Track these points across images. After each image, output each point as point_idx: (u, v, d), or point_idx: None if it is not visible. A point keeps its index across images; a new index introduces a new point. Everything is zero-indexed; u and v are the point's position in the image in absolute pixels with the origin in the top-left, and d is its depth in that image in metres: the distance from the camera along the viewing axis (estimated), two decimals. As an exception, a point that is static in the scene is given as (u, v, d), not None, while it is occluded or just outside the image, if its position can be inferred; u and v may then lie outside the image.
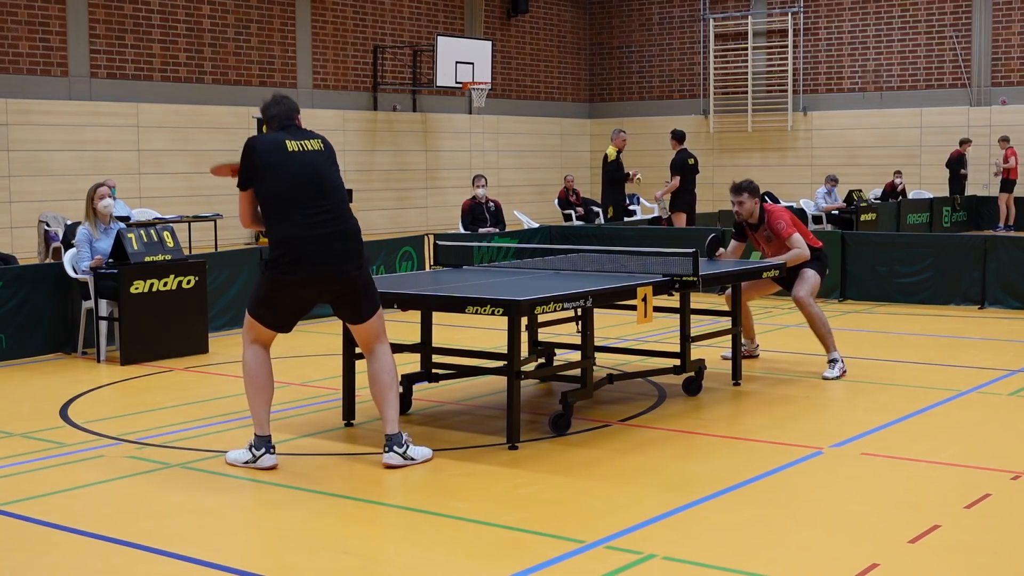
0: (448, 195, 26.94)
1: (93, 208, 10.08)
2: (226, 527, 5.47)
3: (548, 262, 9.06)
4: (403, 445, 6.33)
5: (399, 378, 6.58)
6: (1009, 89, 26.32)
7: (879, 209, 20.82)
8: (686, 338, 8.03)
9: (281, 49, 24.04)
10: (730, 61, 29.55)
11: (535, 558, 4.89)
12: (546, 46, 30.41)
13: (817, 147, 28.34)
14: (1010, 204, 22.87)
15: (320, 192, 6.22)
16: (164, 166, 21.77)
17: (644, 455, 6.63)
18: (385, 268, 13.27)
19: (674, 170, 17.16)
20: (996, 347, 10.20)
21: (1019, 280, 12.40)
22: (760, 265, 9.30)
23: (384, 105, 26.06)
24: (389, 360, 6.46)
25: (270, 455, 6.34)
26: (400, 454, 6.32)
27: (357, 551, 5.05)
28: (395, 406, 6.40)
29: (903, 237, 14.40)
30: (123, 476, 6.27)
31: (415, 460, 6.34)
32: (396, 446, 6.33)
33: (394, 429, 6.37)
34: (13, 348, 9.92)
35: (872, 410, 7.73)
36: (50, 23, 20.37)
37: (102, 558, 5.03)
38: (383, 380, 6.40)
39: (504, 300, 6.56)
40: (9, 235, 19.52)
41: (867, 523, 5.32)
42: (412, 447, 6.38)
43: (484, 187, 16.47)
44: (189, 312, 10.11)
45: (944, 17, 26.99)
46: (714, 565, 4.79)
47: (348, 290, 6.32)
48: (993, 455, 6.55)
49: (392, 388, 6.41)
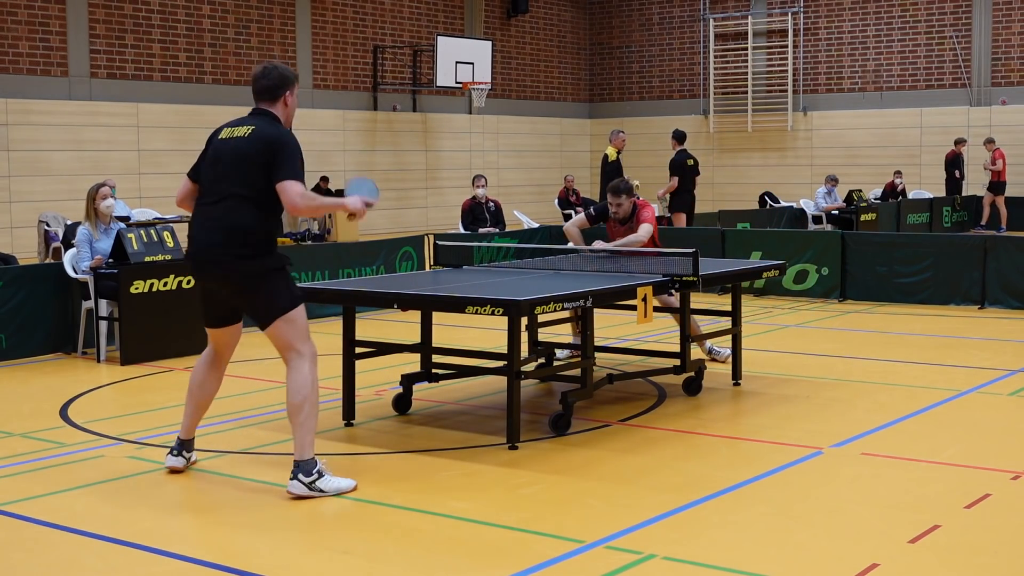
0: (448, 195, 26.94)
1: (94, 208, 10.08)
2: (226, 527, 5.47)
3: (548, 262, 9.06)
4: (311, 475, 5.74)
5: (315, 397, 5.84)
6: (1009, 89, 26.32)
7: (879, 209, 20.82)
8: (686, 338, 8.03)
9: (281, 49, 24.04)
10: (730, 61, 29.55)
11: (535, 558, 4.89)
12: (546, 46, 30.41)
13: (817, 147, 28.34)
14: (1000, 205, 22.85)
15: (217, 179, 5.83)
16: (164, 166, 21.77)
17: (644, 455, 6.63)
18: (385, 268, 13.28)
19: (673, 170, 17.17)
20: (996, 347, 10.20)
21: (1019, 280, 12.40)
22: (760, 265, 9.30)
23: (384, 105, 26.06)
24: (303, 377, 5.78)
25: (172, 456, 6.21)
26: (306, 484, 5.73)
27: (357, 551, 5.05)
28: (306, 428, 5.77)
29: (903, 237, 14.39)
30: (123, 476, 6.27)
31: (324, 493, 5.75)
32: (302, 474, 5.74)
33: (302, 455, 5.77)
34: (13, 348, 9.92)
35: (872, 410, 7.73)
36: (50, 23, 20.37)
37: (102, 558, 5.03)
38: (292, 401, 5.78)
39: (504, 300, 6.56)
40: (9, 235, 19.52)
41: (867, 523, 5.32)
42: (327, 478, 5.79)
43: (484, 187, 16.47)
44: (189, 312, 10.07)
45: (944, 17, 26.99)
46: (714, 565, 4.79)
47: (238, 288, 5.85)
48: (993, 455, 6.55)
49: (302, 411, 5.76)
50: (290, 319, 5.80)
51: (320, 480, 5.76)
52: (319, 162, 24.27)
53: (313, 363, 5.84)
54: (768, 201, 24.12)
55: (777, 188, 26.65)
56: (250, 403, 8.09)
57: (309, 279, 12.07)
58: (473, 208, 16.27)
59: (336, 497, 5.81)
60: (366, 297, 7.49)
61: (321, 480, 5.76)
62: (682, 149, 17.45)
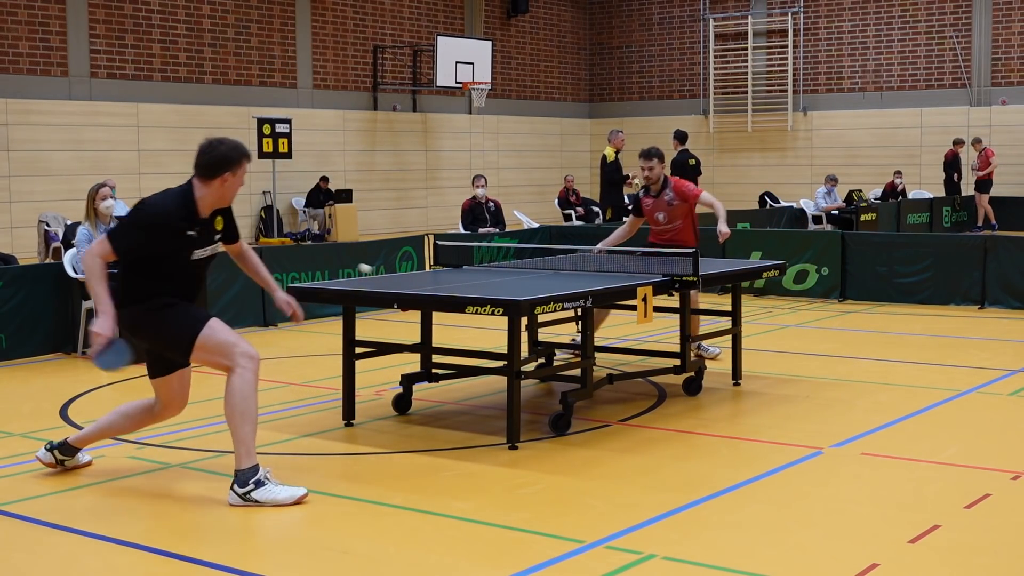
0: (448, 195, 26.93)
1: (94, 208, 10.07)
2: (226, 527, 5.47)
3: (548, 262, 9.06)
4: (246, 485, 5.63)
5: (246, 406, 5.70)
6: (1009, 89, 26.32)
7: (879, 209, 20.82)
8: (686, 338, 8.03)
9: (281, 49, 24.04)
10: (730, 61, 29.55)
11: (535, 558, 4.89)
12: (546, 46, 30.41)
13: (817, 147, 28.34)
14: (986, 204, 22.87)
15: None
16: (164, 166, 21.76)
17: (644, 455, 6.63)
18: (385, 268, 13.28)
19: (674, 170, 17.16)
20: (996, 347, 10.20)
21: (1019, 280, 12.40)
22: (760, 265, 9.30)
23: (384, 105, 26.06)
24: (232, 388, 5.70)
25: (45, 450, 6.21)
26: (239, 495, 5.63)
27: (357, 551, 5.05)
28: (237, 438, 5.68)
29: (903, 237, 14.39)
30: (123, 476, 6.27)
31: (259, 503, 5.62)
32: (237, 484, 5.66)
33: (238, 464, 5.69)
34: (13, 348, 9.92)
35: (872, 410, 7.73)
36: (50, 23, 20.37)
37: (102, 558, 5.03)
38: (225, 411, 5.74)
39: (504, 300, 6.56)
40: (9, 235, 19.52)
41: (867, 523, 5.32)
42: (266, 488, 5.65)
43: (484, 187, 16.47)
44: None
45: (944, 17, 26.98)
46: (714, 565, 4.79)
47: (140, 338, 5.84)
48: (993, 455, 6.55)
49: (232, 420, 5.69)
50: (200, 346, 5.73)
51: (256, 491, 5.64)
52: (319, 162, 24.28)
53: (246, 374, 5.72)
54: (768, 201, 24.13)
55: (777, 188, 26.65)
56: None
57: (309, 279, 12.07)
58: (473, 208, 16.28)
59: (336, 497, 5.81)
60: (366, 297, 7.49)
61: (257, 491, 5.63)
62: (683, 149, 17.45)
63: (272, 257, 12.02)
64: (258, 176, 23.01)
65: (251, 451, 5.70)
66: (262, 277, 6.38)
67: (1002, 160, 24.14)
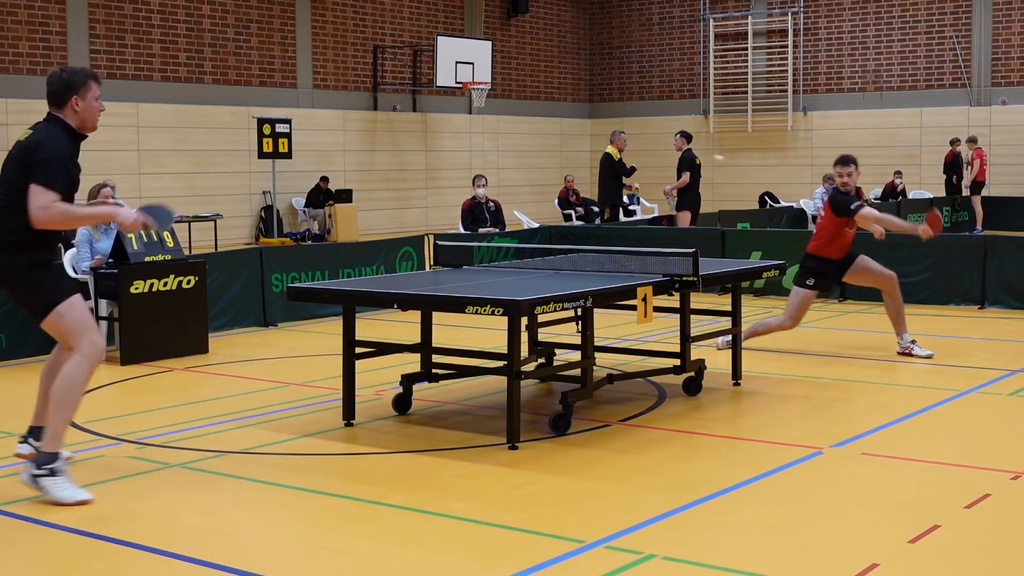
0: (448, 195, 26.94)
1: (93, 208, 10.07)
2: (226, 527, 5.47)
3: (548, 262, 9.06)
4: (41, 468, 5.67)
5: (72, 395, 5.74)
6: (1009, 89, 26.32)
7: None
8: (686, 338, 8.03)
9: (281, 49, 24.04)
10: (730, 61, 29.56)
11: (535, 558, 4.89)
12: (546, 46, 30.42)
13: (817, 147, 28.34)
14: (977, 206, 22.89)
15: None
16: (164, 166, 21.78)
17: (644, 455, 6.63)
18: (385, 268, 13.28)
19: (683, 167, 17.18)
20: (996, 347, 10.20)
21: (1019, 280, 12.40)
22: (760, 265, 9.30)
23: (384, 105, 26.07)
24: (67, 371, 5.75)
25: (20, 444, 6.23)
26: (33, 474, 5.69)
27: (357, 551, 5.06)
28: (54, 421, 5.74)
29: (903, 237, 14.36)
30: (123, 476, 6.27)
31: (44, 492, 5.66)
32: (34, 465, 5.71)
33: (45, 446, 5.75)
34: (13, 348, 9.92)
35: (872, 410, 7.73)
36: (50, 23, 20.38)
37: (102, 558, 5.03)
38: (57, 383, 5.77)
39: (504, 300, 6.56)
40: (9, 235, 19.49)
41: (867, 523, 5.32)
42: (56, 480, 5.67)
43: (484, 187, 16.47)
44: (189, 312, 10.11)
45: (944, 17, 26.99)
46: (714, 565, 4.79)
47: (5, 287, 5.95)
48: (993, 455, 6.55)
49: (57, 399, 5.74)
50: (59, 314, 5.83)
51: (47, 478, 5.68)
52: (319, 162, 24.28)
53: (85, 364, 5.77)
54: (768, 201, 24.14)
55: (777, 188, 26.66)
56: (250, 403, 8.09)
57: (309, 279, 12.07)
58: (473, 208, 16.28)
59: (336, 497, 5.81)
60: (366, 297, 7.49)
61: (48, 479, 5.68)
62: (689, 148, 17.47)
63: (272, 257, 12.02)
64: (258, 176, 23.04)
65: (59, 437, 5.76)
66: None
67: (1002, 160, 24.16)
